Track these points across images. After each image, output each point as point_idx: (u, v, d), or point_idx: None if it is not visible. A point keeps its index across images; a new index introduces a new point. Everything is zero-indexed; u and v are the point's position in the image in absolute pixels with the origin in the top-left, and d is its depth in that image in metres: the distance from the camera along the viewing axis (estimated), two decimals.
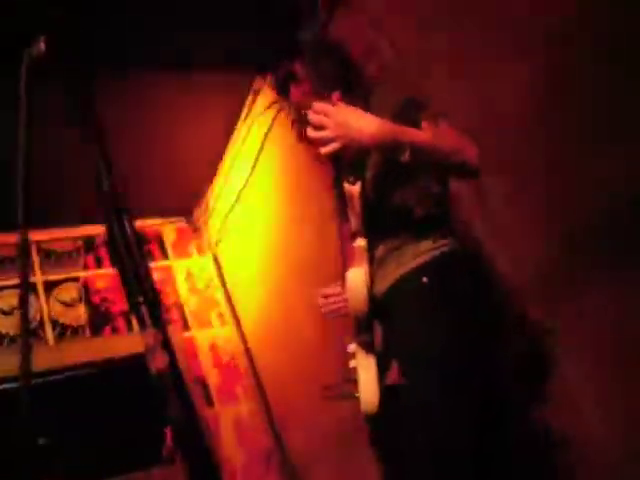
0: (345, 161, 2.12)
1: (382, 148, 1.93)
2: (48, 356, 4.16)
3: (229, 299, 4.89)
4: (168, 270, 4.87)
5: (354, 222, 2.12)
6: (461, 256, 2.13)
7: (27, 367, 1.08)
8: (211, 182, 4.80)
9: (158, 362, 1.00)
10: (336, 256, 3.47)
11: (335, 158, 2.11)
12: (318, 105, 1.94)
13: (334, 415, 3.67)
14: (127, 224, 1.10)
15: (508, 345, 2.15)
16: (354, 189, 2.10)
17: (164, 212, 4.90)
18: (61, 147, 3.21)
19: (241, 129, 4.30)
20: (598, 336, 2.26)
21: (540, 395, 2.36)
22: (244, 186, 4.50)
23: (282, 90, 2.32)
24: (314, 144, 1.97)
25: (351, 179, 2.11)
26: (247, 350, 4.72)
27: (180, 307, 4.78)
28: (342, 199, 2.15)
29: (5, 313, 4.30)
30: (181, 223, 5.14)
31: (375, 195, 2.12)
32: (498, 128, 2.45)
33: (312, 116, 1.93)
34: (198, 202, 5.02)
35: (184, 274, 4.92)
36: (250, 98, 4.10)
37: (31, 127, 1.31)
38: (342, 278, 2.19)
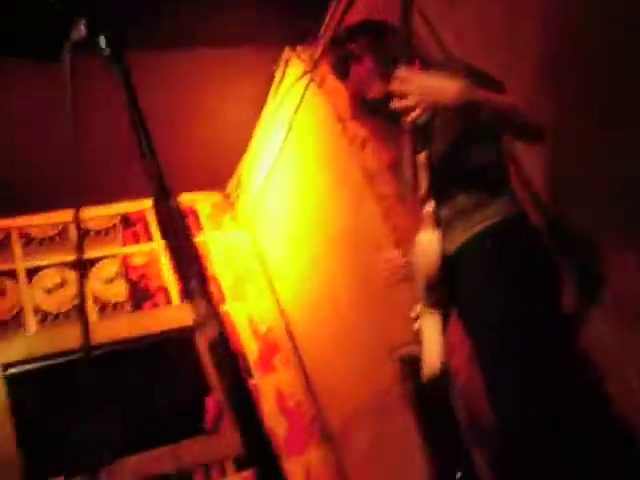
0: (417, 130, 2.16)
1: (463, 108, 1.96)
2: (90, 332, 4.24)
3: (265, 272, 4.93)
4: (203, 245, 4.91)
5: (423, 188, 2.15)
6: (524, 221, 2.17)
7: (87, 342, 1.12)
8: (244, 155, 4.82)
9: (209, 333, 1.03)
10: (376, 221, 3.50)
11: (414, 127, 2.14)
12: (401, 72, 1.98)
13: (372, 384, 3.71)
14: (173, 201, 1.13)
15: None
16: (421, 156, 2.15)
17: (198, 187, 4.94)
18: (94, 125, 3.27)
19: (272, 101, 4.31)
20: (620, 303, 2.27)
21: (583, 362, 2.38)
22: (277, 157, 4.51)
23: (341, 69, 2.36)
24: (401, 114, 2.01)
25: (418, 147, 2.15)
26: (285, 321, 4.76)
27: (216, 281, 4.83)
28: (415, 167, 2.19)
29: (48, 291, 4.40)
30: (215, 197, 5.17)
31: (442, 161, 2.15)
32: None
33: (395, 85, 1.98)
34: (232, 176, 5.04)
35: (220, 248, 4.97)
36: (280, 70, 4.10)
37: (75, 110, 1.34)
38: (396, 243, 2.22)
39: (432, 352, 2.07)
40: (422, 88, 1.95)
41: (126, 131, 1.30)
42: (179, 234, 1.08)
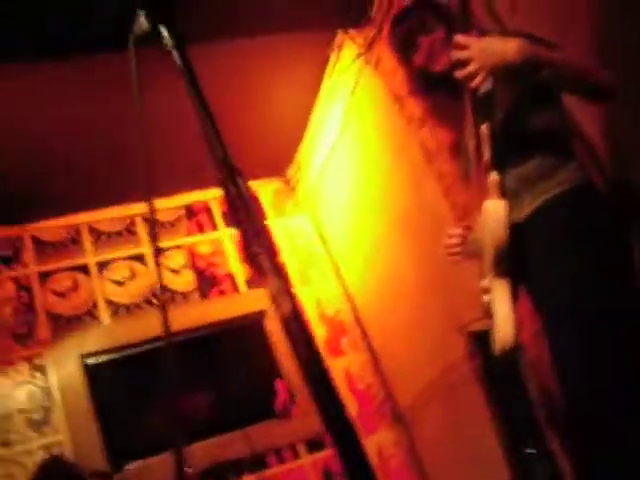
0: (479, 101, 2.15)
1: (525, 65, 1.95)
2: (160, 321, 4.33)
3: (330, 255, 4.96)
4: None
5: (486, 157, 2.14)
6: (592, 189, 2.12)
7: (167, 329, 1.16)
8: (302, 140, 4.85)
9: (283, 308, 1.06)
10: (437, 200, 3.49)
11: (476, 98, 2.14)
12: (459, 39, 1.99)
13: (441, 363, 3.71)
14: (242, 185, 1.16)
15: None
16: (484, 127, 2.13)
17: (259, 175, 4.98)
18: (156, 119, 3.33)
19: (327, 84, 4.32)
20: None
21: None
22: (336, 140, 4.52)
23: (406, 43, 2.35)
24: (465, 82, 2.02)
25: (480, 119, 2.15)
26: (351, 304, 4.78)
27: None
28: (478, 139, 2.18)
29: (119, 284, 4.52)
30: (276, 184, 5.21)
31: (503, 130, 2.13)
32: None
33: (455, 53, 1.99)
34: (291, 161, 5.08)
35: (283, 234, 5.01)
36: (334, 53, 4.11)
37: (143, 103, 1.38)
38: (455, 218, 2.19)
39: (504, 325, 2.04)
40: (482, 51, 1.95)
41: (186, 124, 1.34)
42: (249, 214, 1.11)
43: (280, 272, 1.07)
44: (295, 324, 1.05)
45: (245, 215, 1.13)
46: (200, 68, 1.47)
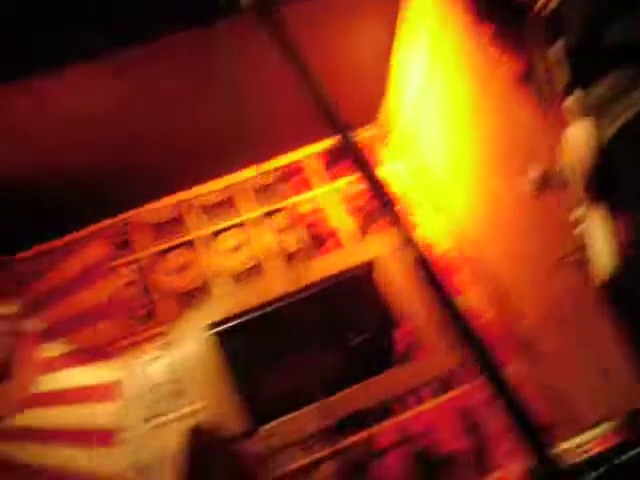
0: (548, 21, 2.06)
1: None
2: (275, 284, 4.45)
3: (431, 197, 4.93)
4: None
5: (563, 80, 2.05)
6: None
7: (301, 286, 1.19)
8: (389, 84, 4.80)
9: (412, 253, 1.07)
10: (529, 126, 3.39)
11: (545, 18, 2.06)
12: None
13: (555, 289, 3.66)
14: (351, 137, 1.17)
15: None
16: (556, 48, 2.04)
17: (353, 124, 4.96)
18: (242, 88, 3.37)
19: (404, 23, 4.24)
20: None
21: None
22: (421, 79, 4.45)
23: None
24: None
25: (550, 40, 2.05)
26: (458, 241, 4.76)
27: None
28: (549, 60, 2.08)
29: (228, 252, 4.66)
30: (371, 130, 5.17)
31: (580, 49, 2.02)
32: None
33: None
34: (382, 107, 5.03)
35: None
36: None
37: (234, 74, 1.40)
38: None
39: (601, 253, 1.97)
40: None
41: (275, 89, 1.35)
42: (362, 165, 1.12)
43: (403, 221, 1.08)
44: (425, 267, 1.07)
45: (358, 167, 1.14)
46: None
